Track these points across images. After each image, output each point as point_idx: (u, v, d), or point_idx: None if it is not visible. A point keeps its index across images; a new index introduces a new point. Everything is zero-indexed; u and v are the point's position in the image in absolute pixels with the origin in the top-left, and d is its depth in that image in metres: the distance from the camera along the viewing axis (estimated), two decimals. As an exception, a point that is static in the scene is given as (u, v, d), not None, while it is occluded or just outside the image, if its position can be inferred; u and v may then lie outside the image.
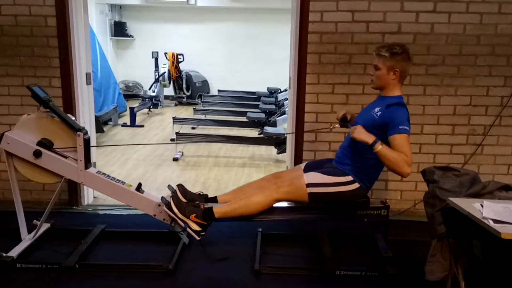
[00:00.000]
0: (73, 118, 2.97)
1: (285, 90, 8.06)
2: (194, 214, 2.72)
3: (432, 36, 3.47)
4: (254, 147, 6.08)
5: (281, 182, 2.81)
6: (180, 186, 2.91)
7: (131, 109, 7.53)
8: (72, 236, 3.16)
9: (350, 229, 3.38)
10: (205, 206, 2.77)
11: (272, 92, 9.16)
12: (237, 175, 4.88)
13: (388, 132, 2.53)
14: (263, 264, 2.82)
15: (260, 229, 3.25)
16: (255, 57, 10.38)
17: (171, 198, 2.76)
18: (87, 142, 2.81)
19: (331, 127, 3.08)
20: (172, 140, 5.79)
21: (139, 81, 10.58)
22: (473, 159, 3.65)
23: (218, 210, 2.76)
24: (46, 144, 2.77)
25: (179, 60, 9.79)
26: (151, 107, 8.88)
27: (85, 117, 3.77)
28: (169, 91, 10.12)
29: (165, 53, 9.67)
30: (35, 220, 3.03)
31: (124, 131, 7.13)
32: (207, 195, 2.98)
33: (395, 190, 3.73)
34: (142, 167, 5.08)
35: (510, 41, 3.47)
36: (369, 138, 2.52)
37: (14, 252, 2.80)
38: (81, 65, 3.67)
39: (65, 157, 2.81)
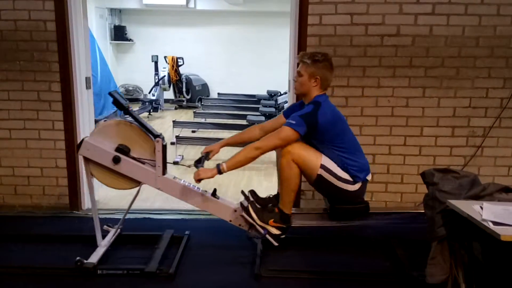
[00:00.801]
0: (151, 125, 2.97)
1: (285, 93, 8.06)
2: (272, 219, 2.77)
3: (431, 38, 3.48)
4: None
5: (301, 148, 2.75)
6: (252, 192, 2.94)
7: (131, 113, 7.51)
8: (141, 241, 3.17)
9: (353, 232, 3.37)
10: (279, 209, 2.79)
11: (272, 95, 9.17)
12: (237, 178, 4.88)
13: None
14: (264, 267, 2.81)
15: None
16: (254, 60, 10.39)
17: (249, 205, 2.80)
18: (165, 149, 2.82)
19: (188, 166, 3.16)
20: (172, 143, 5.78)
21: (139, 85, 10.58)
22: (473, 161, 3.65)
23: (282, 205, 2.79)
24: (124, 150, 2.78)
25: (179, 63, 9.81)
26: (151, 110, 8.89)
27: (85, 121, 3.77)
28: (169, 94, 10.13)
29: (165, 57, 9.68)
30: (105, 226, 3.06)
31: (124, 135, 7.11)
32: (277, 194, 2.97)
33: (395, 192, 3.73)
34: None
35: (509, 43, 3.47)
36: (211, 171, 2.71)
37: (94, 258, 2.78)
38: (81, 69, 3.68)
39: (143, 163, 2.82)
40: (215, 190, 2.93)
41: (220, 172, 2.69)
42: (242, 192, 2.97)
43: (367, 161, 2.87)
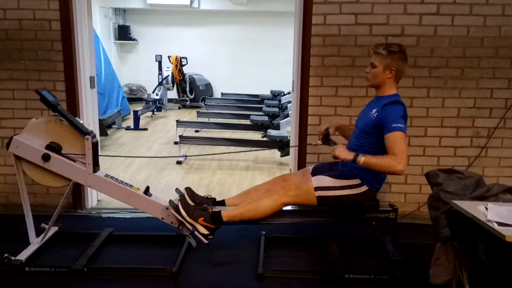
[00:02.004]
0: (81, 122, 2.98)
1: (289, 93, 8.05)
2: (202, 218, 2.72)
3: (436, 39, 3.47)
4: (257, 150, 6.07)
5: (288, 186, 2.80)
6: (188, 189, 2.92)
7: (135, 112, 7.55)
8: (80, 239, 3.17)
9: (356, 232, 3.37)
10: (213, 210, 2.77)
11: (276, 95, 9.17)
12: (240, 178, 4.88)
13: (383, 132, 2.55)
14: (267, 267, 2.81)
15: (264, 232, 3.25)
16: (258, 60, 10.38)
17: (179, 202, 2.77)
18: (95, 146, 2.82)
19: (314, 144, 3.09)
20: (175, 143, 5.79)
21: (143, 85, 10.60)
22: (478, 161, 3.63)
23: (226, 213, 2.76)
24: (54, 147, 2.78)
25: (183, 63, 9.82)
26: (155, 110, 8.90)
27: (89, 120, 3.78)
28: (173, 94, 10.15)
29: (169, 57, 9.70)
30: (43, 224, 3.04)
31: (127, 134, 7.15)
32: (215, 199, 2.98)
33: (399, 192, 3.72)
34: (145, 170, 5.08)
35: (514, 43, 3.46)
36: (349, 155, 2.56)
37: (23, 256, 2.80)
38: (85, 69, 3.69)
39: (74, 160, 2.82)
40: (147, 188, 2.91)
41: (355, 161, 2.53)
42: (176, 189, 2.94)
43: (386, 176, 2.83)
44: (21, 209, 3.73)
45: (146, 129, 7.55)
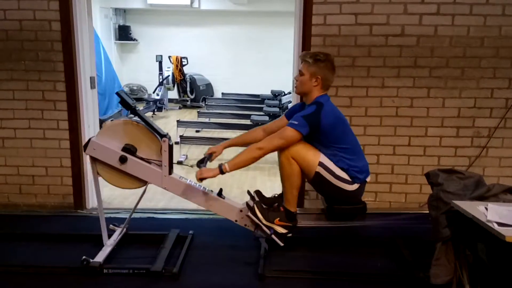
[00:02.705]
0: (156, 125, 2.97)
1: (289, 93, 8.06)
2: (278, 218, 2.77)
3: (436, 39, 3.47)
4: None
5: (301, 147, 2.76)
6: (258, 192, 2.95)
7: (136, 112, 7.53)
8: (147, 241, 3.17)
9: (357, 232, 3.37)
10: (284, 207, 2.80)
11: (276, 95, 9.17)
12: (241, 178, 4.88)
13: None
14: (268, 267, 2.81)
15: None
16: (258, 60, 10.39)
17: (255, 205, 2.80)
18: (171, 148, 2.83)
19: (190, 166, 3.15)
20: (176, 143, 5.79)
21: (144, 85, 10.60)
22: (478, 161, 3.63)
23: (287, 204, 2.80)
24: (130, 149, 2.79)
25: (183, 63, 9.83)
26: (156, 110, 8.91)
27: (90, 120, 3.78)
28: (173, 94, 10.15)
29: (169, 57, 9.70)
30: (111, 225, 3.08)
31: (128, 135, 7.13)
32: (281, 193, 2.96)
33: (400, 192, 3.72)
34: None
35: (514, 43, 3.46)
36: (212, 171, 2.69)
37: (100, 258, 2.79)
38: (86, 69, 3.69)
39: (149, 162, 2.83)
40: (221, 190, 2.94)
41: (222, 172, 2.69)
42: (248, 192, 2.97)
43: (367, 163, 2.87)
44: (21, 209, 3.76)
45: (146, 129, 7.53)
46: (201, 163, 2.88)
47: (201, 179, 2.72)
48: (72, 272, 2.74)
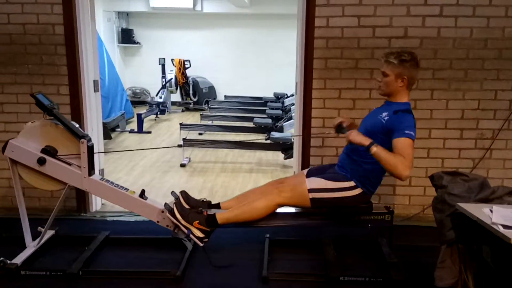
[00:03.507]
0: (77, 125, 2.98)
1: (292, 95, 8.05)
2: (197, 221, 2.72)
3: (439, 40, 3.46)
4: (261, 153, 6.08)
5: (283, 187, 2.81)
6: (183, 192, 2.91)
7: (139, 115, 7.56)
8: (77, 243, 3.17)
9: (355, 235, 3.36)
10: (208, 213, 2.77)
11: (279, 98, 9.16)
12: (244, 181, 4.88)
13: (392, 136, 2.52)
14: (271, 270, 2.81)
15: (268, 235, 3.24)
16: (261, 63, 10.40)
17: (174, 205, 2.78)
18: (90, 149, 2.83)
19: (327, 133, 3.06)
20: (179, 146, 5.80)
21: (146, 88, 10.63)
22: (482, 163, 3.62)
23: (221, 216, 2.77)
24: (50, 151, 2.79)
25: (186, 66, 9.84)
26: (158, 113, 8.92)
27: (93, 123, 3.79)
28: (176, 97, 10.16)
29: (172, 60, 9.71)
30: (39, 227, 3.05)
31: (131, 138, 7.16)
32: (210, 202, 2.99)
33: (404, 195, 3.71)
34: (149, 173, 5.09)
35: (517, 45, 3.45)
36: (365, 140, 2.51)
37: (19, 259, 2.81)
38: (89, 73, 3.70)
39: (69, 164, 2.82)
40: (143, 191, 2.91)
41: (369, 148, 2.48)
42: (172, 192, 2.93)
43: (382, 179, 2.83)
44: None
45: (149, 132, 7.56)
46: (341, 128, 2.82)
47: (349, 141, 2.58)
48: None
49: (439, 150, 3.63)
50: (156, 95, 9.36)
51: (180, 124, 6.63)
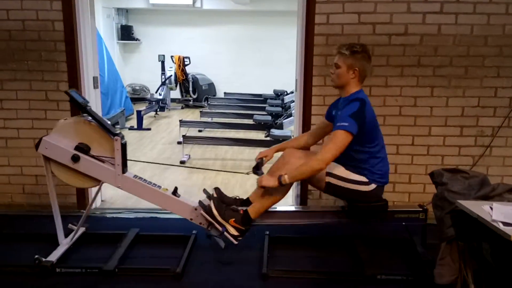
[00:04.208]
0: (109, 123, 2.96)
1: (292, 92, 8.05)
2: (233, 219, 2.73)
3: (439, 37, 3.46)
4: (261, 150, 6.05)
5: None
6: (217, 189, 2.91)
7: (138, 112, 7.56)
8: (107, 240, 3.16)
9: (359, 232, 3.36)
10: (244, 210, 2.76)
11: (279, 95, 9.17)
12: (243, 178, 4.87)
13: None
14: (271, 267, 2.81)
15: (268, 232, 3.24)
16: (261, 60, 10.39)
17: (211, 201, 2.77)
18: (124, 147, 2.82)
19: (246, 173, 3.25)
20: (179, 143, 5.80)
21: (146, 85, 10.62)
22: (482, 160, 3.62)
23: (251, 210, 2.77)
24: (83, 148, 2.78)
25: (186, 63, 9.83)
26: (158, 110, 8.92)
27: (93, 120, 3.78)
28: (176, 94, 10.16)
29: (172, 56, 9.71)
30: (70, 224, 3.06)
31: (131, 134, 7.16)
32: (242, 199, 2.95)
33: (403, 192, 3.71)
34: (149, 170, 5.08)
35: (518, 42, 3.44)
36: (274, 181, 2.62)
37: (53, 257, 2.80)
38: (88, 69, 3.69)
39: (102, 161, 2.82)
40: (176, 188, 2.91)
41: (281, 183, 2.61)
42: (204, 190, 2.93)
43: (389, 167, 2.83)
44: (24, 209, 3.76)
45: (149, 129, 7.56)
46: (257, 169, 2.86)
47: (263, 187, 2.70)
48: (25, 271, 2.74)
49: (439, 147, 3.63)
50: (156, 92, 9.36)
51: (180, 121, 6.62)
